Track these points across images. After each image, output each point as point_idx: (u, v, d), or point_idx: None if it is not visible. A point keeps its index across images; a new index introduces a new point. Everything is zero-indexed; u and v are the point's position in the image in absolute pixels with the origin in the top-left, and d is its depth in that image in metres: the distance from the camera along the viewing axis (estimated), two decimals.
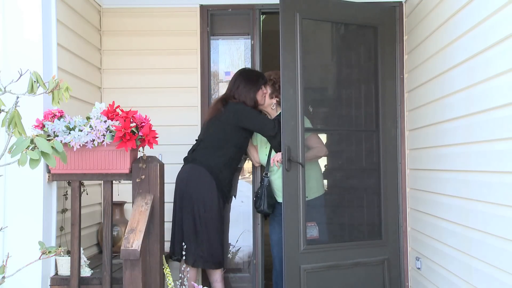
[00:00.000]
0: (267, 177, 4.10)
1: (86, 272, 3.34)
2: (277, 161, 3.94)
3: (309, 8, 4.04)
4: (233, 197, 4.30)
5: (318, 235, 4.10)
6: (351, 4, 4.26)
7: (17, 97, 1.69)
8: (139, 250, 2.87)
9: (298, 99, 3.95)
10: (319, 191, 4.17)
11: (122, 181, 3.49)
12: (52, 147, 1.64)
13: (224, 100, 4.05)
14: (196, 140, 4.08)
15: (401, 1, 4.50)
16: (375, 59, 4.39)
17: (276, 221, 4.16)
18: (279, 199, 4.05)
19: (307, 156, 4.00)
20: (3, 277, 1.77)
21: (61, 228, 3.47)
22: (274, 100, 4.11)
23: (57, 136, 3.04)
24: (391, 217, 4.37)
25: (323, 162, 4.60)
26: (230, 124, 3.96)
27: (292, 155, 3.88)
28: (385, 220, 4.35)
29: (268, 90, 4.10)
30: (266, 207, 4.06)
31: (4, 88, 1.73)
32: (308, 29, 4.14)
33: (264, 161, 4.18)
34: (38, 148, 1.61)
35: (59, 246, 3.34)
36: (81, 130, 3.06)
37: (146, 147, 3.18)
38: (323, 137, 4.63)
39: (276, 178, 4.07)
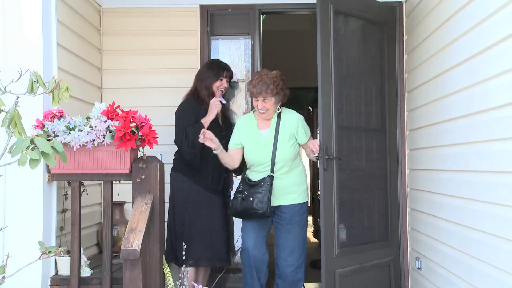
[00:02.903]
0: (272, 176, 3.69)
1: (86, 272, 3.34)
2: (316, 149, 3.69)
3: (339, 0, 3.98)
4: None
5: (346, 238, 4.04)
6: (369, 0, 4.24)
7: (17, 97, 1.69)
8: (139, 250, 2.87)
9: (332, 94, 3.89)
10: (307, 195, 3.90)
11: (122, 181, 3.49)
12: (52, 147, 1.64)
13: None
14: None
15: (401, 1, 4.50)
16: (382, 57, 4.37)
17: (285, 227, 3.76)
18: (278, 202, 3.73)
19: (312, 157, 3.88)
20: (3, 277, 1.77)
21: (61, 228, 3.47)
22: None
23: (57, 136, 3.04)
24: (393, 217, 4.37)
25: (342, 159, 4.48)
26: None
27: (329, 153, 3.81)
28: (390, 221, 4.34)
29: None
30: (269, 210, 3.65)
31: (4, 88, 1.73)
32: (337, 23, 4.05)
33: (264, 160, 3.73)
34: (38, 148, 1.61)
35: (59, 246, 3.34)
36: (81, 130, 3.06)
37: (146, 147, 3.18)
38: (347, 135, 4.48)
39: (276, 178, 3.71)
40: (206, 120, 3.87)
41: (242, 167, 3.90)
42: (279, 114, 3.78)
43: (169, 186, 3.92)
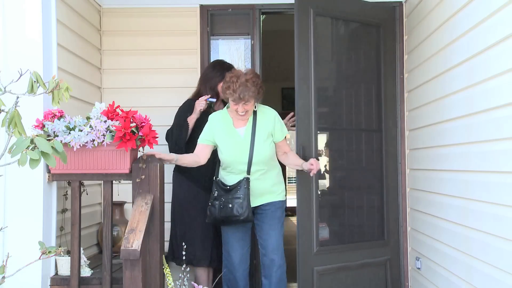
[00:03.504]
0: (248, 179, 3.53)
1: (86, 272, 3.34)
2: (314, 170, 3.50)
3: (322, 4, 4.01)
4: None
5: (329, 236, 4.06)
6: (361, 2, 4.25)
7: (17, 97, 1.70)
8: (139, 250, 2.87)
9: (311, 96, 3.94)
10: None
11: (122, 181, 3.49)
12: (52, 147, 1.64)
13: None
14: None
15: (401, 1, 4.51)
16: (378, 58, 4.39)
17: (267, 223, 3.62)
18: (257, 202, 3.60)
19: (292, 162, 3.69)
20: (3, 277, 1.77)
21: (61, 228, 3.47)
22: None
23: (57, 136, 3.04)
24: (392, 217, 4.37)
25: (330, 160, 4.57)
26: None
27: (307, 154, 3.85)
28: (387, 220, 4.35)
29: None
30: (251, 214, 3.51)
31: (4, 88, 1.73)
32: (319, 26, 4.10)
33: (241, 160, 3.55)
34: (38, 148, 1.61)
35: (59, 246, 3.34)
36: (81, 130, 3.06)
37: (146, 147, 3.18)
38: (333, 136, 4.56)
39: (254, 180, 3.57)
40: (191, 118, 3.89)
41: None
42: (254, 112, 3.62)
43: (170, 187, 3.93)
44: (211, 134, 3.62)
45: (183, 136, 3.87)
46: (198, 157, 3.59)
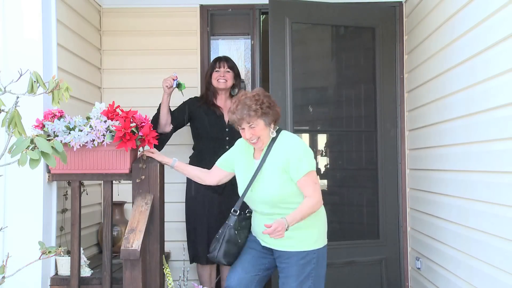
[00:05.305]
0: (235, 215, 3.03)
1: (86, 272, 3.34)
2: (271, 233, 2.70)
3: (299, 12, 4.08)
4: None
5: None
6: (346, 6, 4.27)
7: (17, 97, 1.69)
8: (139, 250, 2.87)
9: (287, 100, 4.05)
10: (320, 241, 2.99)
11: (122, 181, 3.49)
12: (52, 147, 1.64)
13: None
14: None
15: (401, 1, 4.50)
16: (373, 60, 4.41)
17: (280, 279, 2.98)
18: (267, 243, 2.99)
19: (298, 215, 2.81)
20: (3, 277, 1.77)
21: (61, 228, 3.47)
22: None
23: (57, 136, 3.04)
24: (390, 217, 4.38)
25: (323, 162, 4.61)
26: None
27: None
28: (384, 220, 4.36)
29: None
30: (222, 255, 2.98)
31: (4, 88, 1.73)
32: (300, 31, 4.19)
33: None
34: (38, 148, 1.61)
35: (59, 246, 3.34)
36: (81, 130, 3.06)
37: (146, 147, 3.18)
38: (321, 137, 4.64)
39: (261, 215, 2.99)
40: (163, 98, 3.97)
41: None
42: (274, 139, 2.99)
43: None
44: (231, 160, 3.16)
45: (155, 117, 3.95)
46: (207, 176, 3.24)
